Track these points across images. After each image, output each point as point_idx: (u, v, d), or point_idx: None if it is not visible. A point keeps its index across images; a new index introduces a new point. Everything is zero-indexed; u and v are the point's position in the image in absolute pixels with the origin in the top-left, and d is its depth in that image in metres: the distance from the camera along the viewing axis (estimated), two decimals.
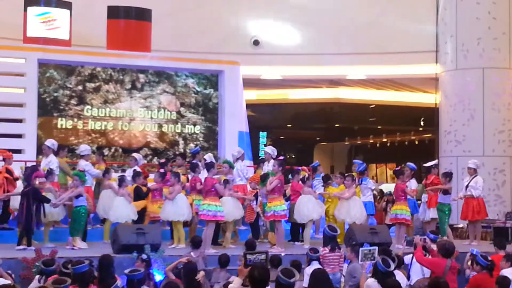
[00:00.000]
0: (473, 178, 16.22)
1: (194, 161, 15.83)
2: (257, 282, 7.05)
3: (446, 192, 15.74)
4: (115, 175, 15.70)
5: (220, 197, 14.08)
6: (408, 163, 16.78)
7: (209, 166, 14.35)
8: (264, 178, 14.62)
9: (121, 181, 14.46)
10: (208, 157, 16.10)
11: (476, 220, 16.08)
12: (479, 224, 16.30)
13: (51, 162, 15.17)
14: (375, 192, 16.88)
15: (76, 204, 13.57)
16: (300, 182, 15.06)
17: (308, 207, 14.65)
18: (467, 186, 16.21)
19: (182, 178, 15.19)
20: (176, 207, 14.18)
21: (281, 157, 15.40)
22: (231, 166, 15.36)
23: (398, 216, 15.44)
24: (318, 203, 14.92)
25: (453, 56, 20.85)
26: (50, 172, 14.14)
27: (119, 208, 14.18)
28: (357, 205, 15.14)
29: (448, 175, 15.95)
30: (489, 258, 10.73)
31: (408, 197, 15.78)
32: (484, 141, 20.13)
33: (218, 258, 11.66)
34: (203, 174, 14.90)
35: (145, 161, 18.37)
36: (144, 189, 14.98)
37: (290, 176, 15.40)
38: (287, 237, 15.44)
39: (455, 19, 20.85)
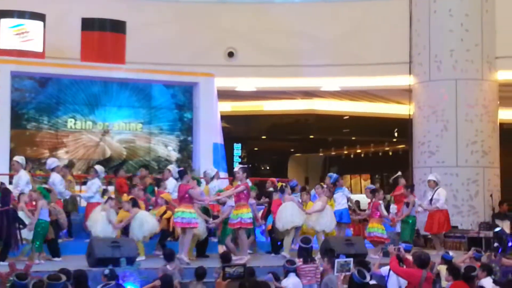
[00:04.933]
0: (436, 190, 16.42)
1: (158, 176, 16.02)
2: None
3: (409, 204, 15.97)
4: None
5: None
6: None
7: (182, 173, 14.32)
8: None
9: (109, 199, 14.45)
10: (172, 168, 16.12)
11: (441, 232, 16.33)
12: (441, 235, 16.55)
13: (20, 178, 15.02)
14: (349, 203, 16.97)
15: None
16: (279, 193, 15.12)
17: (291, 214, 14.66)
18: (431, 200, 16.43)
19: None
20: (144, 225, 14.17)
21: (245, 165, 15.52)
22: (198, 182, 15.40)
23: (371, 234, 15.58)
24: (300, 210, 14.92)
25: (426, 67, 20.99)
26: (21, 194, 13.98)
27: (100, 223, 14.13)
28: (328, 213, 15.22)
29: (410, 187, 16.20)
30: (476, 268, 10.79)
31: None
32: (457, 152, 20.26)
33: (194, 271, 11.61)
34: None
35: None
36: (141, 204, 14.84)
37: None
38: (268, 248, 15.53)
39: (428, 31, 21.00)
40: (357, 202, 20.19)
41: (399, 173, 17.94)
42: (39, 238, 13.38)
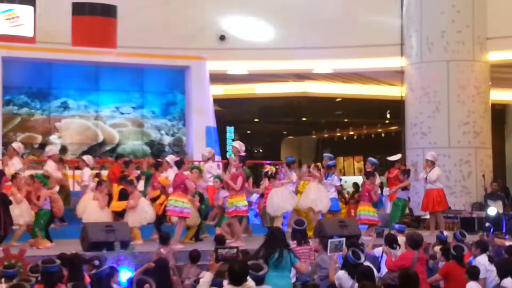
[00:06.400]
0: (431, 170, 16.46)
1: (159, 159, 16.01)
2: (237, 277, 7.10)
3: (405, 188, 15.99)
4: None
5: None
6: (370, 158, 17.01)
7: (179, 163, 14.34)
8: None
9: (98, 184, 14.41)
10: (170, 158, 16.06)
11: (437, 211, 16.33)
12: (440, 215, 16.51)
13: (14, 164, 15.03)
14: (341, 187, 17.05)
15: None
16: (270, 179, 15.13)
17: (280, 199, 14.68)
18: (426, 178, 16.48)
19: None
20: (139, 213, 14.18)
21: (242, 154, 15.49)
22: (201, 171, 15.43)
23: (361, 217, 15.52)
24: (290, 195, 14.94)
25: (418, 49, 20.99)
26: (14, 177, 13.95)
27: (93, 211, 14.12)
28: (322, 194, 15.21)
29: (406, 173, 16.24)
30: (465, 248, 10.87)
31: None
32: (449, 133, 20.31)
33: (188, 254, 11.65)
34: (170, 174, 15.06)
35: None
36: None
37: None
38: (261, 231, 15.53)
39: (420, 12, 20.98)
40: (356, 185, 20.25)
41: (399, 156, 17.85)
42: (41, 227, 13.40)
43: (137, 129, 20.31)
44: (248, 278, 7.34)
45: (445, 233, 13.07)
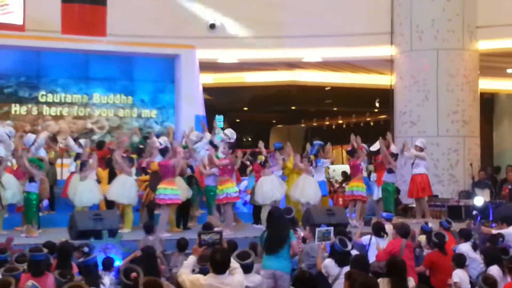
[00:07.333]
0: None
1: (140, 146, 16.03)
2: (218, 266, 7.14)
3: (391, 170, 16.03)
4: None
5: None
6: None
7: (164, 151, 14.36)
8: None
9: (82, 165, 14.38)
10: (163, 140, 16.09)
11: (422, 197, 16.40)
12: (424, 202, 16.57)
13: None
14: (331, 176, 17.07)
15: (27, 190, 13.38)
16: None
17: (269, 187, 14.72)
18: (413, 163, 16.57)
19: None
20: (123, 190, 14.14)
21: (231, 140, 15.58)
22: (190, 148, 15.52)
23: (354, 193, 15.71)
24: (279, 183, 14.99)
25: (407, 37, 21.01)
26: (0, 161, 13.94)
27: (84, 192, 14.07)
28: (312, 185, 15.26)
29: (394, 155, 16.31)
30: (446, 236, 10.98)
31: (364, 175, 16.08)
32: (438, 122, 20.37)
33: (176, 242, 11.67)
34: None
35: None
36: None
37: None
38: (249, 219, 15.57)
39: (410, 0, 20.99)
40: (345, 173, 20.30)
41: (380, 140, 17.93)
42: (34, 212, 13.38)
43: (126, 117, 20.29)
44: (232, 260, 7.39)
45: (430, 224, 13.15)
